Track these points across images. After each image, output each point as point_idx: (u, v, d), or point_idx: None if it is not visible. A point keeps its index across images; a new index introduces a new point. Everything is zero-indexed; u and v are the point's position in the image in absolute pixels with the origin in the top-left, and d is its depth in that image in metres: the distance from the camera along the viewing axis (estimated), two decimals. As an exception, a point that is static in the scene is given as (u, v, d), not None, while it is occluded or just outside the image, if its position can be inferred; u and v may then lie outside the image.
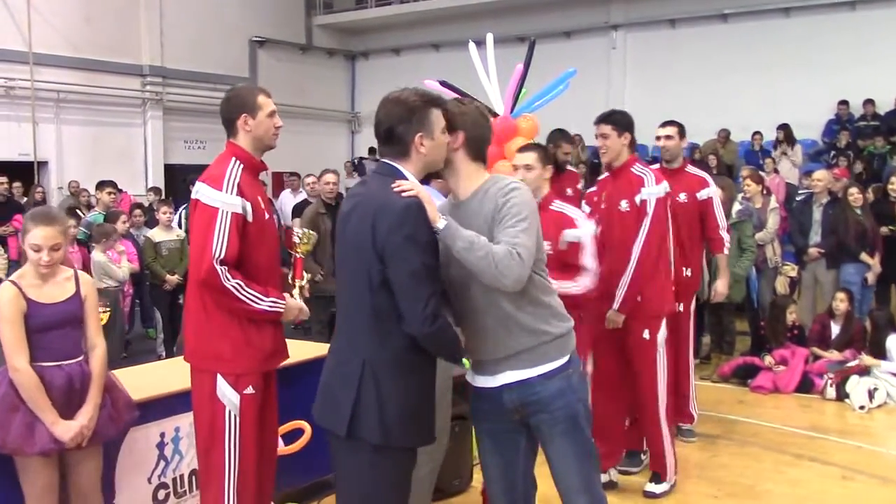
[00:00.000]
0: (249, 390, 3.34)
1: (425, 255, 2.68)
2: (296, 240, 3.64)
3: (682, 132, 5.71)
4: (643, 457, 5.20)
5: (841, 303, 7.45)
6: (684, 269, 5.54)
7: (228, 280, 3.23)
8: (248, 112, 3.42)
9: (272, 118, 3.46)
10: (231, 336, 3.32)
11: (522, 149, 4.43)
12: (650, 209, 4.61)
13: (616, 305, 4.63)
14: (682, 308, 5.51)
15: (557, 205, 4.34)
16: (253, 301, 3.28)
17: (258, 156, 3.49)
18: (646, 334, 4.67)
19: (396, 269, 2.65)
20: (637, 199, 4.63)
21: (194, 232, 3.37)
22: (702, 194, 5.62)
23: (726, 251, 5.79)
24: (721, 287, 5.87)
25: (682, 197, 5.55)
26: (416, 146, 2.77)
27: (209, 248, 3.22)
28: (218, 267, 3.22)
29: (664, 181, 4.72)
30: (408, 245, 2.64)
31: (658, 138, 5.73)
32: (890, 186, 8.43)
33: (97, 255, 7.74)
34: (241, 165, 3.39)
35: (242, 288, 3.26)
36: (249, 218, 3.33)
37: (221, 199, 3.28)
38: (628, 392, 4.86)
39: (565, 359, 2.95)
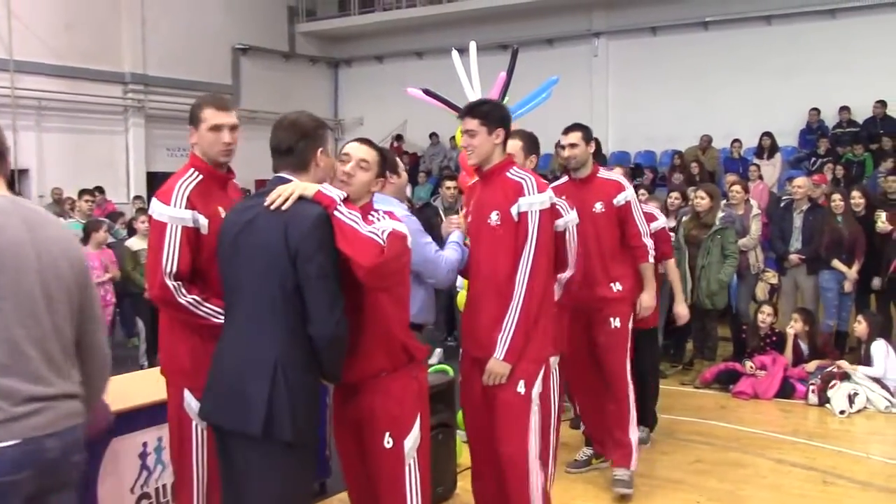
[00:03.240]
0: None
1: (334, 262, 2.83)
2: None
3: (587, 137, 4.99)
4: None
5: (795, 322, 7.51)
6: (612, 284, 4.90)
7: (184, 296, 3.19)
8: (193, 124, 3.41)
9: (217, 132, 3.35)
10: (192, 349, 3.28)
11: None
12: (533, 225, 3.67)
13: (500, 353, 3.62)
14: (618, 324, 4.92)
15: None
16: (211, 315, 3.21)
17: (219, 168, 3.41)
18: (520, 387, 3.66)
19: (308, 271, 2.77)
20: (514, 210, 3.68)
21: (149, 249, 3.36)
22: (618, 200, 4.94)
23: (651, 259, 5.09)
24: (646, 300, 5.13)
25: (599, 206, 4.90)
26: (316, 161, 2.96)
27: (160, 263, 3.19)
28: (170, 282, 3.18)
29: (548, 189, 3.81)
30: (321, 249, 2.79)
31: (562, 146, 5.05)
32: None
33: None
34: (200, 176, 3.33)
35: (199, 303, 3.22)
36: (204, 231, 3.25)
37: (169, 214, 3.23)
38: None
39: None
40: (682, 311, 5.99)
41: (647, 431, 5.62)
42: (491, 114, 3.78)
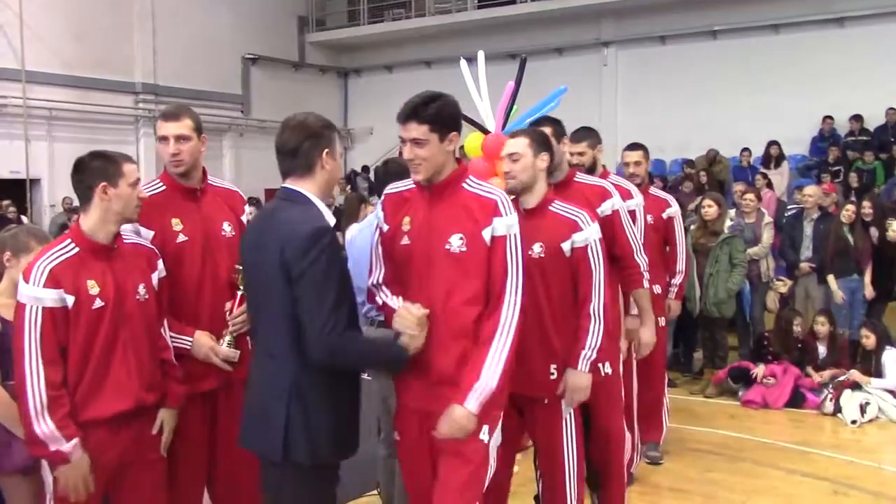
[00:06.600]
0: None
1: (330, 278, 2.72)
2: (234, 274, 3.38)
3: (593, 142, 4.63)
4: None
5: (822, 326, 7.46)
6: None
7: None
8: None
9: (164, 144, 3.49)
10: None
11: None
12: (515, 250, 2.98)
13: (474, 405, 2.89)
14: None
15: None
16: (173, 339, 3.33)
17: (183, 180, 3.54)
18: (483, 434, 2.96)
19: (300, 290, 2.70)
20: (486, 233, 2.94)
21: None
22: (604, 208, 4.01)
23: (645, 284, 4.23)
24: (646, 335, 4.45)
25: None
26: (321, 163, 2.87)
27: None
28: None
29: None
30: (313, 267, 2.69)
31: (571, 154, 4.41)
32: None
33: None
34: (162, 187, 3.52)
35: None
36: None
37: None
38: None
39: None
40: (645, 337, 4.46)
41: None
42: (441, 115, 2.96)
